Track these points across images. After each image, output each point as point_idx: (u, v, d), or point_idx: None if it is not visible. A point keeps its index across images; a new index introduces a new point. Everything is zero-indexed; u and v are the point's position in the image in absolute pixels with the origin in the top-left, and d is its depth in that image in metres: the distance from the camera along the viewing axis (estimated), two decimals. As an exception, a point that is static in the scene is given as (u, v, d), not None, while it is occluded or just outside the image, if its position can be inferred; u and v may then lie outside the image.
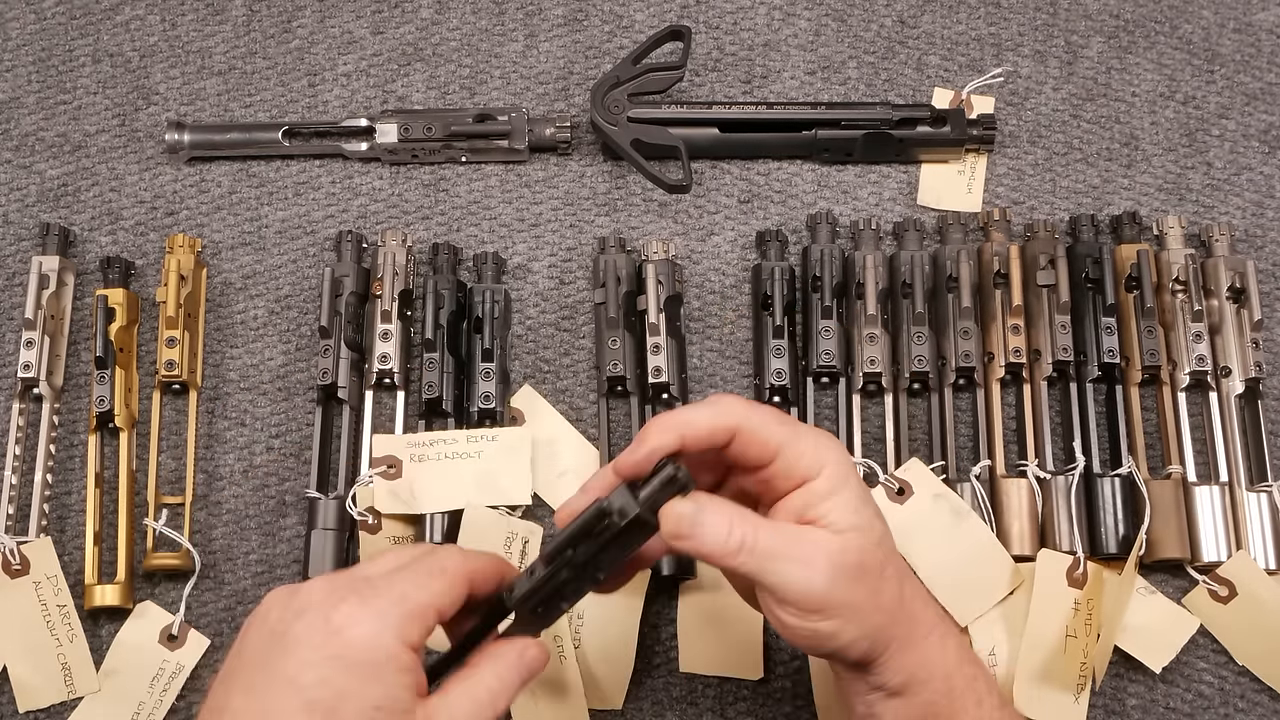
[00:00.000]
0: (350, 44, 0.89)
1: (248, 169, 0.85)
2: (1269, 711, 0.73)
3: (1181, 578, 0.75)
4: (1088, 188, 0.85)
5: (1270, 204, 0.84)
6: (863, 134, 0.83)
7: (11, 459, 0.77)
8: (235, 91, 0.87)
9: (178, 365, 0.77)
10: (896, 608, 0.57)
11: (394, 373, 0.78)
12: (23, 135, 0.87)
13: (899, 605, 0.57)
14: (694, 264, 0.83)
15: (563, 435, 0.79)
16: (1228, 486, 0.75)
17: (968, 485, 0.75)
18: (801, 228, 0.83)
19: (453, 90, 0.87)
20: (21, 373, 0.77)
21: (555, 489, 0.77)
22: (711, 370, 0.80)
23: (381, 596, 0.53)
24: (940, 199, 0.84)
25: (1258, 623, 0.73)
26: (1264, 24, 0.89)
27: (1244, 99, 0.87)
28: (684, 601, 0.75)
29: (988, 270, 0.79)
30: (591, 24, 0.89)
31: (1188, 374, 0.77)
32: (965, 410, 0.79)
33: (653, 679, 0.74)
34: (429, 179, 0.85)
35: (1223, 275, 0.78)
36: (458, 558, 0.56)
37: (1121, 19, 0.89)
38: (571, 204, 0.84)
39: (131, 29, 0.89)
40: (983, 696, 0.59)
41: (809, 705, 0.73)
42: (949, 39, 0.88)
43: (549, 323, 0.82)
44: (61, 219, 0.84)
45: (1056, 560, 0.73)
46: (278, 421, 0.79)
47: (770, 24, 0.89)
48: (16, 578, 0.74)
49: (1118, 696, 0.74)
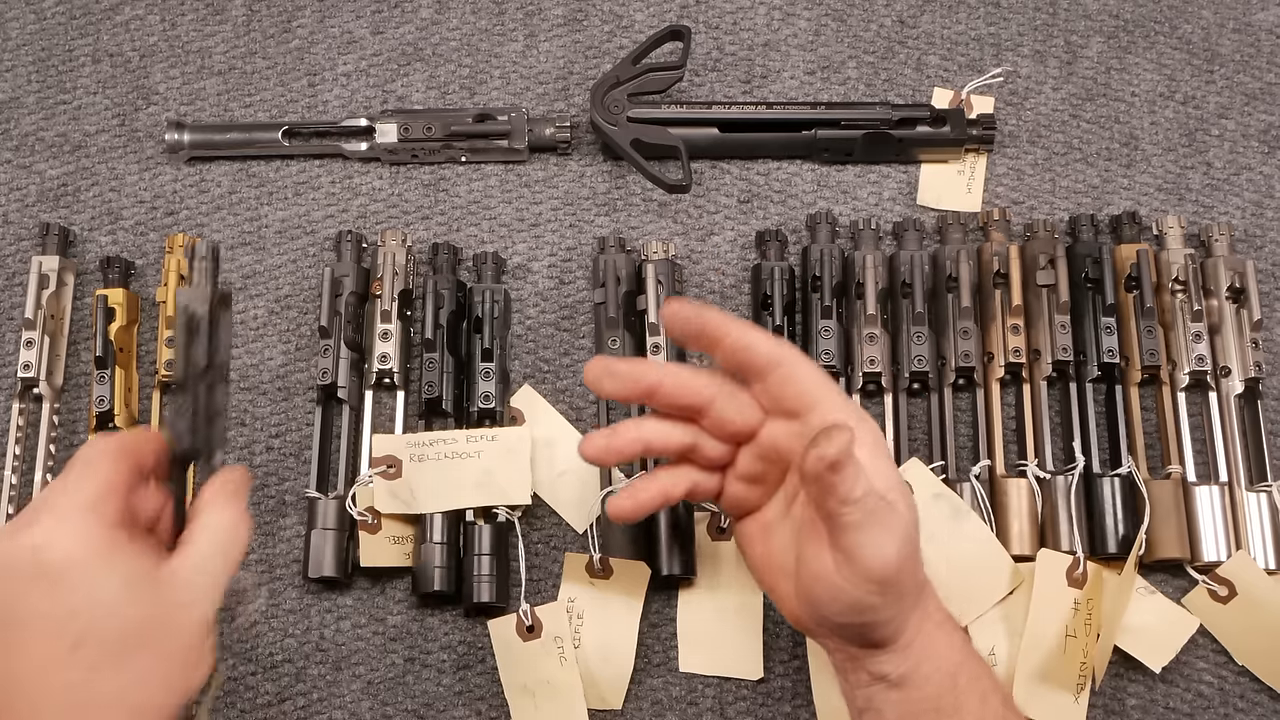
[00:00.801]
0: (350, 44, 0.89)
1: (248, 169, 0.85)
2: (1269, 711, 0.73)
3: (1181, 578, 0.75)
4: (1087, 188, 0.85)
5: (1270, 204, 0.84)
6: (862, 134, 0.83)
7: (11, 459, 0.77)
8: (235, 91, 0.87)
9: (178, 365, 0.77)
10: (918, 591, 0.58)
11: (394, 373, 0.78)
12: (23, 135, 0.87)
13: (920, 589, 0.58)
14: (694, 264, 0.83)
15: (563, 435, 0.79)
16: (1227, 486, 0.76)
17: (967, 485, 0.75)
18: (801, 228, 0.83)
19: (453, 90, 0.87)
20: (21, 373, 0.77)
21: (555, 489, 0.77)
22: (711, 370, 0.80)
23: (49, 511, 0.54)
24: (940, 199, 0.84)
25: (1257, 623, 0.73)
26: (1264, 24, 0.89)
27: (1244, 99, 0.87)
28: (684, 601, 0.75)
29: (987, 270, 0.79)
30: (591, 24, 0.89)
31: (1187, 374, 0.77)
32: (965, 410, 0.79)
33: (653, 679, 0.75)
34: (429, 179, 0.85)
35: (1222, 275, 0.78)
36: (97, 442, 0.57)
37: (1121, 19, 0.89)
38: (571, 204, 0.84)
39: (131, 29, 0.89)
40: (987, 694, 0.59)
41: (809, 705, 0.73)
42: (949, 39, 0.88)
43: (549, 323, 0.82)
44: (61, 219, 0.84)
45: (1056, 560, 0.73)
46: (277, 421, 0.79)
47: (770, 24, 0.89)
48: (16, 578, 0.74)
49: (1117, 696, 0.74)
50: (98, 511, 0.54)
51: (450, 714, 0.74)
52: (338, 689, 0.74)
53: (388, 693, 0.74)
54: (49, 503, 0.55)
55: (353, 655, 0.75)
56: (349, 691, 0.74)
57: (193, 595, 0.56)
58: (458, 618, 0.76)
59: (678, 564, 0.74)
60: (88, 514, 0.54)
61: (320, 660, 0.75)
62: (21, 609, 0.52)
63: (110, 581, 0.53)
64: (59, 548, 0.53)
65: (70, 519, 0.53)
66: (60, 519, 0.53)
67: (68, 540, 0.53)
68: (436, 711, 0.74)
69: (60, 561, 0.53)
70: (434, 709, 0.74)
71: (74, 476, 0.55)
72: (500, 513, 0.75)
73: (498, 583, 0.74)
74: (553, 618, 0.74)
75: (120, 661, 0.53)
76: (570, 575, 0.75)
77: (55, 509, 0.54)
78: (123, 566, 0.54)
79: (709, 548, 0.75)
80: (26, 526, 0.54)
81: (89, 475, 0.56)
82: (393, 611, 0.76)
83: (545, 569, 0.76)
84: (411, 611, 0.76)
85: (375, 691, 0.74)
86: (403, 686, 0.74)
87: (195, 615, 0.56)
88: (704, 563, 0.75)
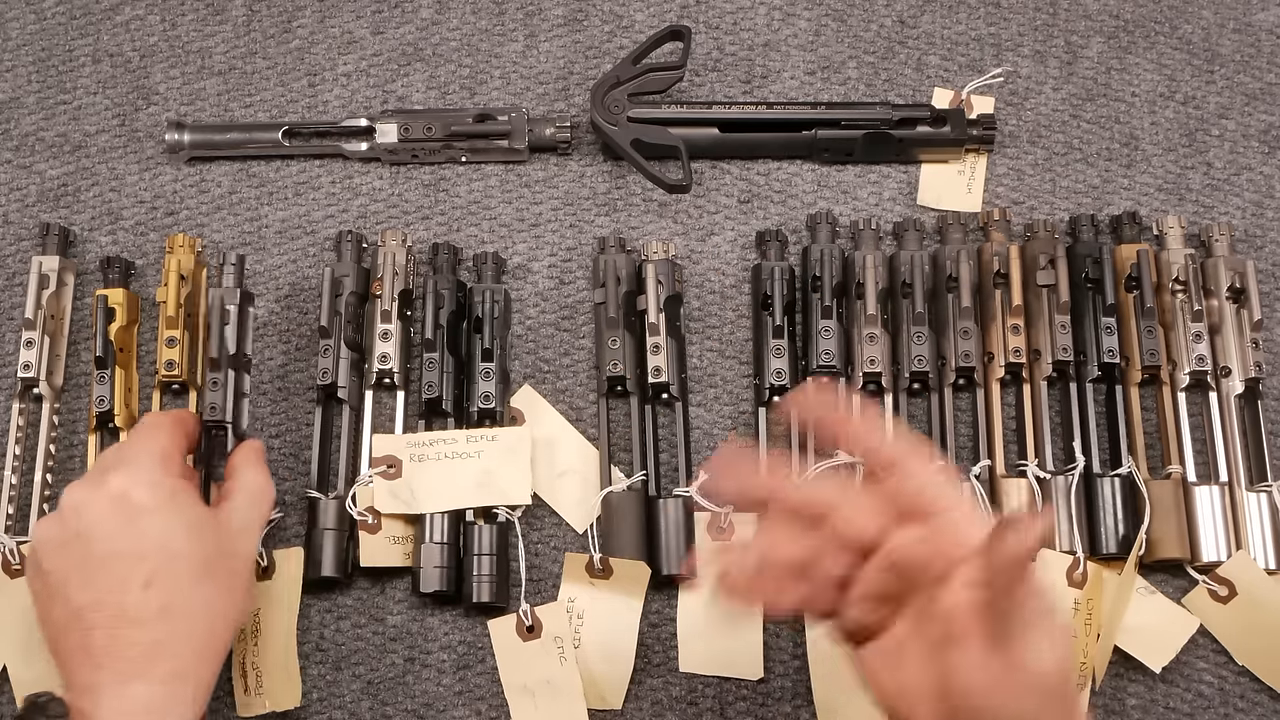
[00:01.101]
0: (350, 44, 0.89)
1: (248, 169, 0.85)
2: (1269, 711, 0.73)
3: (1181, 578, 0.75)
4: (1088, 188, 0.85)
5: (1270, 204, 0.84)
6: (863, 134, 0.83)
7: (11, 459, 0.77)
8: (235, 91, 0.87)
9: (178, 365, 0.77)
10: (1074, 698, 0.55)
11: (394, 373, 0.78)
12: (23, 135, 0.87)
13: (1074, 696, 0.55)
14: (694, 264, 0.83)
15: (563, 435, 0.79)
16: (1227, 486, 0.76)
17: (967, 485, 0.75)
18: (801, 228, 0.83)
19: (453, 90, 0.87)
20: (21, 373, 0.77)
21: (555, 489, 0.77)
22: (711, 370, 0.80)
23: (125, 463, 0.64)
24: (940, 199, 0.84)
25: (1258, 623, 0.73)
26: (1264, 24, 0.89)
27: (1244, 99, 0.87)
28: (684, 601, 0.75)
29: (988, 270, 0.79)
30: (591, 24, 0.89)
31: (1187, 374, 0.77)
32: (965, 410, 0.79)
33: (653, 679, 0.75)
34: (429, 179, 0.85)
35: (1222, 275, 0.78)
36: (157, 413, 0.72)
37: (1121, 19, 0.89)
38: (571, 204, 0.84)
39: (131, 29, 0.89)
40: None
41: (809, 705, 0.73)
42: (949, 39, 0.88)
43: (549, 323, 0.82)
44: (61, 219, 0.84)
45: (1056, 560, 0.73)
46: (277, 421, 0.79)
47: (770, 24, 0.89)
48: (16, 578, 0.74)
49: (1118, 696, 0.74)
50: (165, 465, 0.65)
51: (450, 714, 0.74)
52: (337, 689, 0.74)
53: (388, 693, 0.74)
54: (123, 457, 0.64)
55: (353, 655, 0.75)
56: (349, 691, 0.74)
57: (240, 539, 0.66)
58: (458, 618, 0.76)
59: (677, 564, 0.74)
60: (157, 467, 0.64)
61: (320, 660, 0.75)
62: (106, 547, 0.61)
63: (178, 526, 0.63)
64: (136, 495, 0.62)
65: (145, 470, 0.63)
66: (136, 470, 0.63)
67: (144, 489, 0.63)
68: (436, 711, 0.74)
69: (137, 506, 0.62)
70: (434, 709, 0.74)
71: (143, 436, 0.66)
72: (500, 513, 0.75)
73: (498, 583, 0.74)
74: (553, 618, 0.74)
75: (187, 597, 0.62)
76: (570, 575, 0.75)
77: (130, 462, 0.64)
78: (189, 512, 0.64)
79: (709, 548, 0.75)
80: (104, 475, 0.63)
81: (156, 435, 0.66)
82: (393, 611, 0.76)
83: (545, 569, 0.76)
84: (411, 611, 0.76)
85: (375, 691, 0.74)
86: (403, 686, 0.74)
87: (244, 554, 0.66)
88: (704, 563, 0.75)
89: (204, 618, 0.62)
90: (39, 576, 0.63)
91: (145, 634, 0.60)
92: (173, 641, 0.61)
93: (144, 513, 0.62)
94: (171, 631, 0.61)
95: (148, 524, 0.62)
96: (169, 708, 0.60)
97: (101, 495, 0.62)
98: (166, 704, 0.60)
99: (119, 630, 0.60)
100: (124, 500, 0.62)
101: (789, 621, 0.74)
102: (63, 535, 0.62)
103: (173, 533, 0.62)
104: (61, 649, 0.61)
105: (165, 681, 0.60)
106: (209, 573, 0.63)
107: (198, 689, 0.61)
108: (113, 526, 0.62)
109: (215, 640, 0.63)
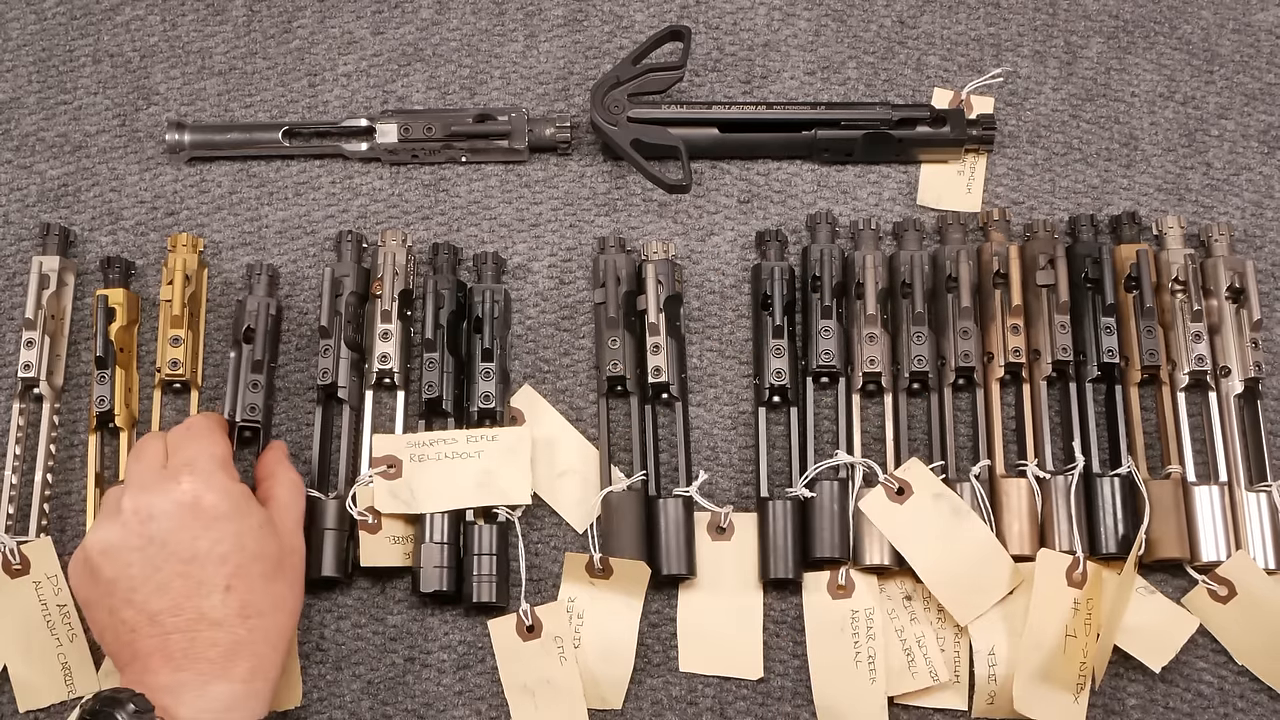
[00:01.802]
0: (350, 44, 0.89)
1: (248, 169, 0.85)
2: (1269, 711, 0.74)
3: (1181, 578, 0.75)
4: (1087, 188, 0.85)
5: (1269, 204, 0.84)
6: (862, 134, 0.83)
7: (11, 459, 0.77)
8: (235, 91, 0.88)
9: (182, 364, 0.77)
10: None
11: (394, 373, 0.78)
12: (23, 135, 0.87)
13: None
14: (694, 264, 0.83)
15: (563, 435, 0.79)
16: (1227, 486, 0.76)
17: (967, 485, 0.75)
18: (801, 228, 0.83)
19: (453, 90, 0.87)
20: (22, 373, 0.77)
21: (555, 489, 0.77)
22: (711, 370, 0.80)
23: (193, 469, 0.66)
24: (940, 199, 0.84)
25: (1257, 622, 0.73)
26: (1263, 24, 0.89)
27: (1243, 99, 0.87)
28: (684, 601, 0.75)
29: (987, 270, 0.79)
30: (591, 24, 0.89)
31: (1187, 374, 0.77)
32: (965, 410, 0.79)
33: (653, 679, 0.75)
34: (429, 179, 0.85)
35: (1222, 275, 0.78)
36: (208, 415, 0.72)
37: (1121, 19, 0.89)
38: (571, 204, 0.84)
39: (131, 29, 0.89)
40: None
41: (809, 705, 0.73)
42: (948, 39, 0.89)
43: (549, 323, 0.82)
44: (62, 219, 0.84)
45: (1056, 560, 0.73)
46: (278, 421, 0.79)
47: (770, 24, 0.89)
48: (16, 578, 0.74)
49: (1117, 696, 0.74)
50: (227, 469, 0.67)
51: (450, 714, 0.74)
52: (338, 689, 0.74)
53: (388, 693, 0.74)
54: (188, 462, 0.66)
55: (353, 655, 0.75)
56: (349, 691, 0.74)
57: (295, 535, 0.70)
58: (458, 618, 0.76)
59: (677, 564, 0.74)
60: (220, 471, 0.66)
61: (320, 660, 0.75)
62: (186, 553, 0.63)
63: (250, 529, 0.65)
64: (208, 501, 0.65)
65: (214, 475, 0.66)
66: (205, 475, 0.65)
67: (216, 495, 0.65)
68: (436, 711, 0.74)
69: (211, 512, 0.64)
70: (434, 709, 0.74)
71: (202, 440, 0.68)
72: (500, 513, 0.75)
73: (498, 583, 0.74)
74: (553, 618, 0.74)
75: (261, 596, 0.64)
76: (570, 575, 0.75)
77: (197, 467, 0.66)
78: (257, 515, 0.66)
79: (709, 548, 0.75)
80: (173, 481, 0.65)
81: (216, 439, 0.68)
82: (393, 611, 0.76)
83: (545, 569, 0.76)
84: (411, 611, 0.76)
85: (375, 691, 0.74)
86: (403, 686, 0.74)
87: (300, 550, 0.70)
88: (704, 563, 0.75)
89: (276, 614, 0.65)
90: (96, 584, 0.64)
91: (225, 635, 0.62)
92: (251, 641, 0.63)
93: (219, 518, 0.64)
94: (250, 631, 0.63)
95: (223, 529, 0.64)
96: (248, 704, 0.62)
97: (172, 502, 0.64)
98: (246, 701, 0.62)
99: (199, 633, 0.62)
100: (197, 506, 0.64)
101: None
102: (131, 541, 0.64)
103: (246, 536, 0.65)
104: (130, 651, 0.63)
105: (245, 680, 0.62)
106: (279, 571, 0.66)
107: (273, 683, 0.65)
108: (190, 533, 0.64)
109: (286, 634, 0.66)
